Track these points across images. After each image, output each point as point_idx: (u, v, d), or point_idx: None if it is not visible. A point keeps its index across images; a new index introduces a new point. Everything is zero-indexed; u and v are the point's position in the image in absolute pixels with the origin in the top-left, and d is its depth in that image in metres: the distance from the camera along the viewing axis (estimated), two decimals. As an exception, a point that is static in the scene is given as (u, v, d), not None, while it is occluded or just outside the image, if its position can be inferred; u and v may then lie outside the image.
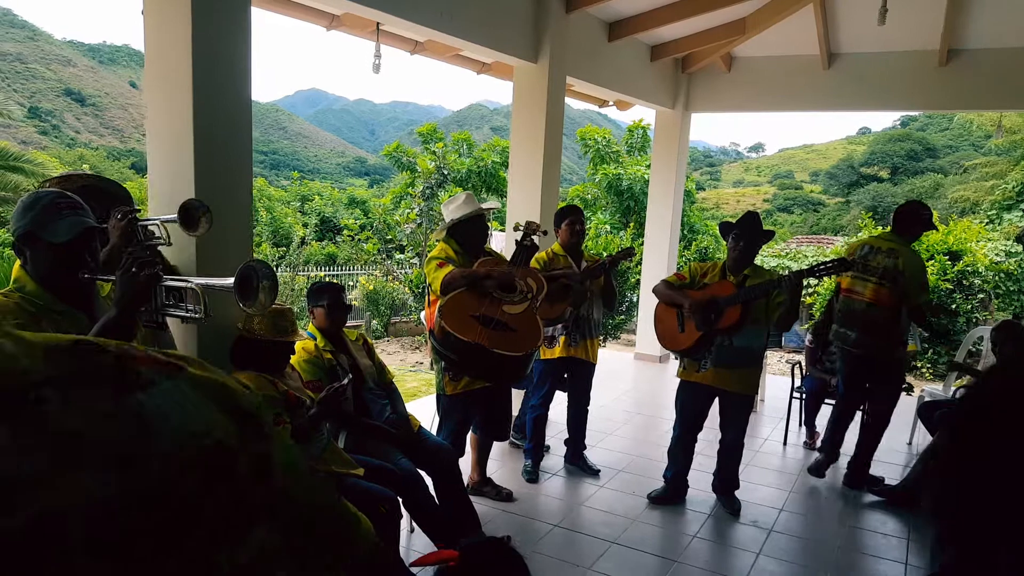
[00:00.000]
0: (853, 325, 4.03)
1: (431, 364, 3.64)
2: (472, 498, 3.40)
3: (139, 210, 2.23)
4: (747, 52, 6.83)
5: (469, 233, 3.44)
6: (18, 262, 1.82)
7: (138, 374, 0.46)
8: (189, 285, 1.82)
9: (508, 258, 3.51)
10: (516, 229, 3.54)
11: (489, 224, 3.58)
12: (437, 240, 3.54)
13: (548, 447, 4.55)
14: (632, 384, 6.78)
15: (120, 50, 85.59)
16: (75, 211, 1.76)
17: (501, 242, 7.83)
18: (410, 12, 4.01)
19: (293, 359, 2.95)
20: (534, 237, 3.45)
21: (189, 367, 0.50)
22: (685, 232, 12.44)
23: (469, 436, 3.72)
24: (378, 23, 4.43)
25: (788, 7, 5.66)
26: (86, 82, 66.92)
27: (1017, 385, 0.45)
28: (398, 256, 13.39)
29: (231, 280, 1.70)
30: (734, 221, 3.67)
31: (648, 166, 11.16)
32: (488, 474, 3.95)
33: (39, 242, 1.74)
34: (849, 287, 4.07)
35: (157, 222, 2.33)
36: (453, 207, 3.48)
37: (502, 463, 4.40)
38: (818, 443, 4.76)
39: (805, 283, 3.55)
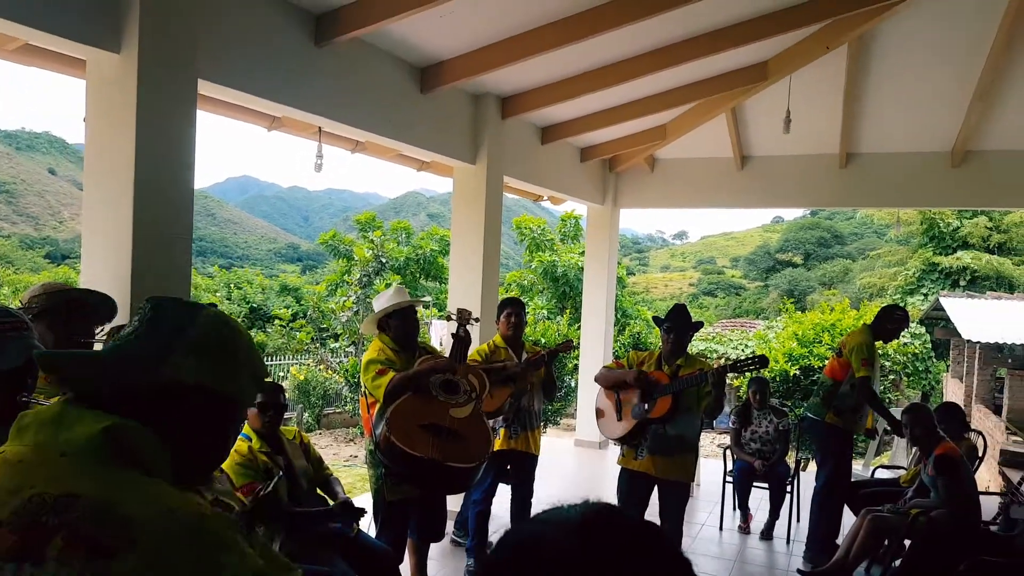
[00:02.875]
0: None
1: (365, 458, 3.55)
2: (413, 604, 3.27)
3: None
4: (668, 154, 7.38)
5: (401, 327, 3.37)
6: None
7: None
8: None
9: (448, 354, 3.53)
10: (449, 319, 3.55)
11: (427, 311, 3.63)
12: (367, 335, 3.49)
13: (491, 544, 4.44)
14: (574, 471, 6.76)
15: (39, 137, 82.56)
16: (20, 333, 1.69)
17: (442, 330, 7.85)
18: (350, 117, 4.19)
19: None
20: (468, 327, 3.48)
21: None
22: (619, 316, 12.81)
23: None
24: (319, 126, 4.58)
25: (704, 115, 6.22)
26: (1, 169, 64.26)
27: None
28: (332, 344, 13.13)
29: None
30: (664, 315, 3.87)
31: (581, 253, 11.56)
32: (430, 574, 3.81)
33: None
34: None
35: None
36: (383, 299, 3.44)
37: (442, 563, 4.26)
38: (751, 526, 5.11)
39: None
